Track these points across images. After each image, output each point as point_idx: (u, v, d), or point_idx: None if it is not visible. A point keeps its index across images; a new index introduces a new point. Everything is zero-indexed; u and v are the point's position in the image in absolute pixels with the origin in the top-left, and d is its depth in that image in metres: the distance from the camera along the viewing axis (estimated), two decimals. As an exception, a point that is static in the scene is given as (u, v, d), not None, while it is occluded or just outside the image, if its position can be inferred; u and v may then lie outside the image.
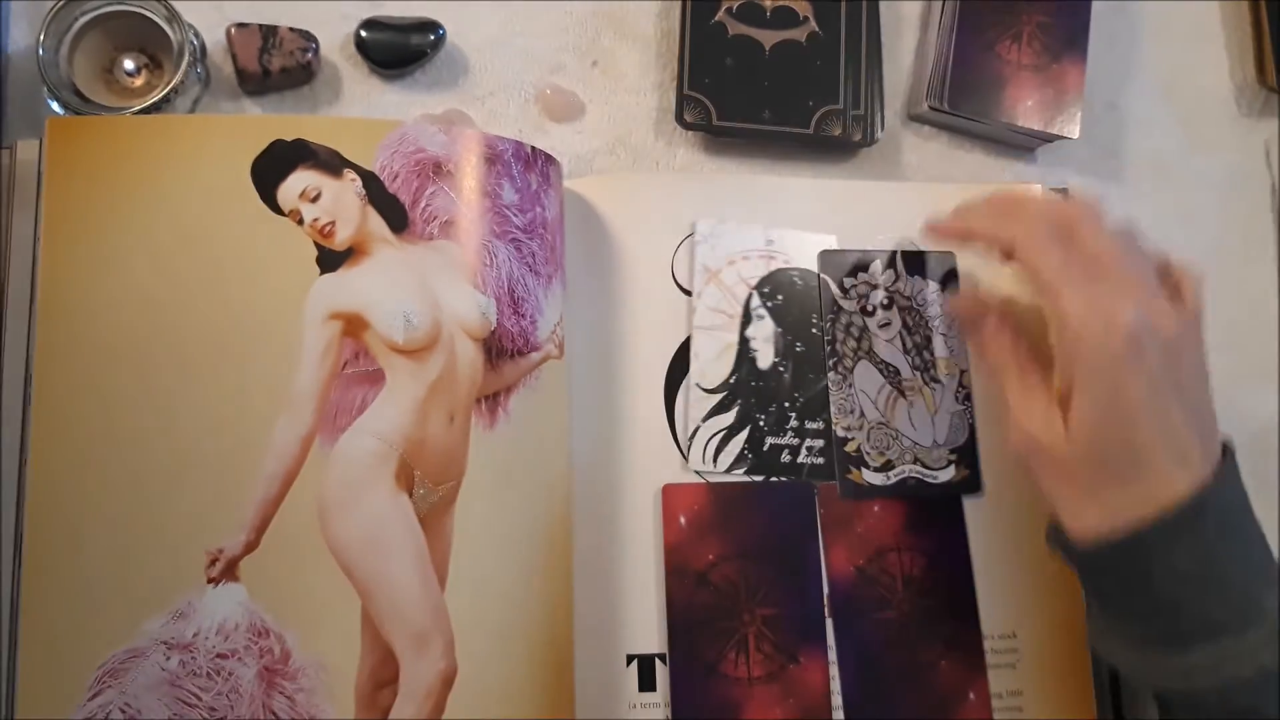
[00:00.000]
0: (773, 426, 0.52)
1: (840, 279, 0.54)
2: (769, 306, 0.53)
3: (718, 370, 0.52)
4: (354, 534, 0.44)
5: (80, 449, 0.43)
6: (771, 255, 0.54)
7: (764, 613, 0.49)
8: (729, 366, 0.52)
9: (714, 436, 0.51)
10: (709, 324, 0.52)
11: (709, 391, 0.52)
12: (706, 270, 0.53)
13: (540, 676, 0.45)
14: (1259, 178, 0.63)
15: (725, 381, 0.52)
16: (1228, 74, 0.64)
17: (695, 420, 0.51)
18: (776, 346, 0.53)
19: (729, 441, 0.51)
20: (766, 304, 0.53)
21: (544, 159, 0.50)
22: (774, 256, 0.54)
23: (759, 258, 0.54)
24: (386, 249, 0.46)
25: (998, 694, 0.50)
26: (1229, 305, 0.60)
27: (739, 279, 0.53)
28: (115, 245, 0.45)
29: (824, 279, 0.54)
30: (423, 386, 0.45)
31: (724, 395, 0.52)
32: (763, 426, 0.52)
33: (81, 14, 0.50)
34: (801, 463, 0.52)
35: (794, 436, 0.52)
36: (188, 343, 0.44)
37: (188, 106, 0.53)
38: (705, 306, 0.53)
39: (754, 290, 0.53)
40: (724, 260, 0.53)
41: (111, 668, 0.42)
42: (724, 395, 0.52)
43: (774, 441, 0.52)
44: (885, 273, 0.54)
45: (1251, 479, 0.58)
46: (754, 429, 0.52)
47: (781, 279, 0.54)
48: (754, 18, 0.57)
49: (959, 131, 0.60)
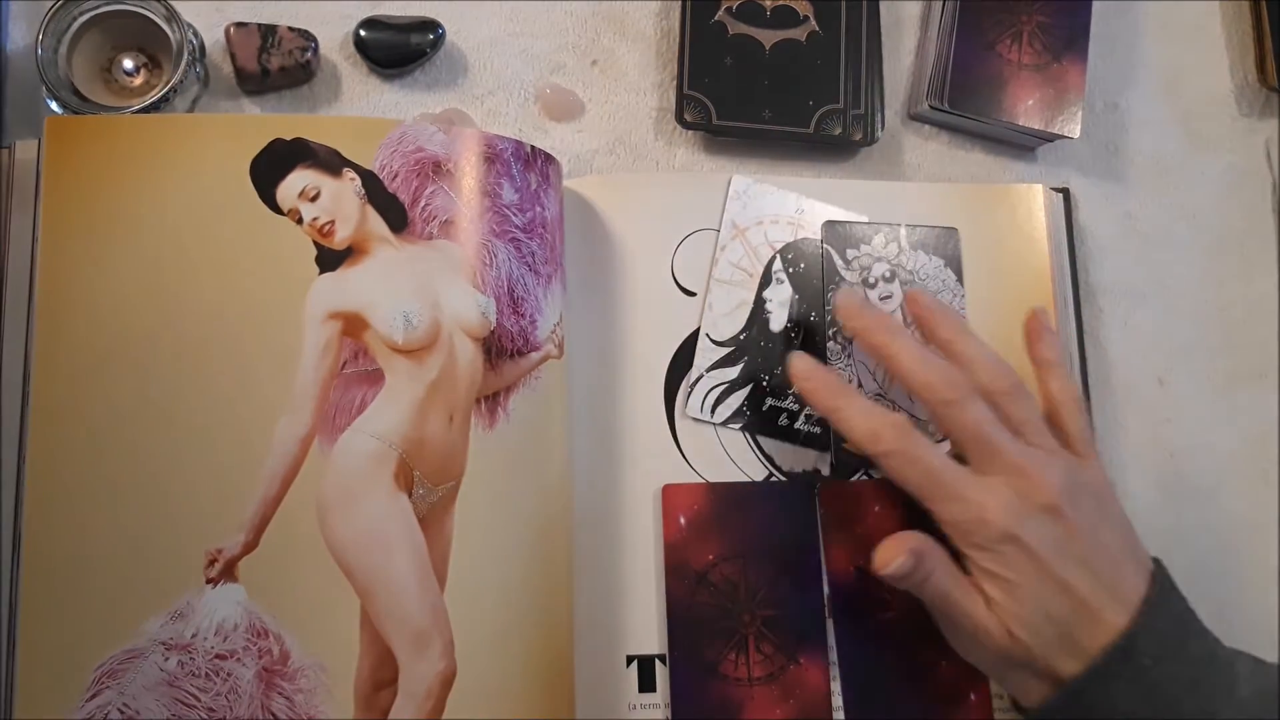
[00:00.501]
0: (775, 389, 0.52)
1: (843, 250, 0.54)
2: (790, 273, 0.53)
3: (729, 325, 0.53)
4: (353, 534, 0.43)
5: (79, 449, 0.43)
6: (800, 224, 0.54)
7: (764, 613, 0.49)
8: (741, 323, 0.53)
9: (716, 387, 0.52)
10: (728, 278, 0.53)
11: (718, 344, 0.52)
12: (734, 226, 0.53)
13: (540, 676, 0.45)
14: (1259, 178, 0.63)
15: (735, 337, 0.52)
16: (1228, 74, 0.64)
17: (700, 369, 0.52)
18: (791, 312, 0.53)
19: (730, 395, 0.52)
20: (788, 270, 0.54)
21: (544, 158, 0.49)
22: (802, 225, 0.54)
23: (787, 224, 0.54)
24: (386, 248, 0.46)
25: (998, 694, 0.50)
26: (1229, 305, 0.61)
27: (765, 240, 0.54)
28: (114, 245, 0.45)
29: (827, 249, 0.54)
30: (422, 386, 0.45)
31: (732, 350, 0.52)
32: (765, 386, 0.52)
33: (80, 13, 0.50)
34: (798, 429, 0.52)
35: (794, 402, 0.52)
36: (186, 342, 0.44)
37: (187, 106, 0.53)
38: (727, 260, 0.53)
39: (777, 254, 0.54)
40: (753, 220, 0.54)
41: (110, 668, 0.42)
42: (732, 350, 0.52)
43: (774, 404, 0.52)
44: (888, 246, 0.54)
45: (1252, 479, 0.59)
46: (756, 387, 0.52)
47: (806, 248, 0.54)
48: (754, 17, 0.57)
49: (960, 131, 0.60)
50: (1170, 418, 0.58)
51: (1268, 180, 0.63)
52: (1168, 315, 0.60)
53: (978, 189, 0.57)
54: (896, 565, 0.44)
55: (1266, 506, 0.58)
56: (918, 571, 0.44)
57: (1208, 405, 0.59)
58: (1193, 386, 0.59)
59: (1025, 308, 0.53)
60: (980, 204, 0.56)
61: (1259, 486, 0.58)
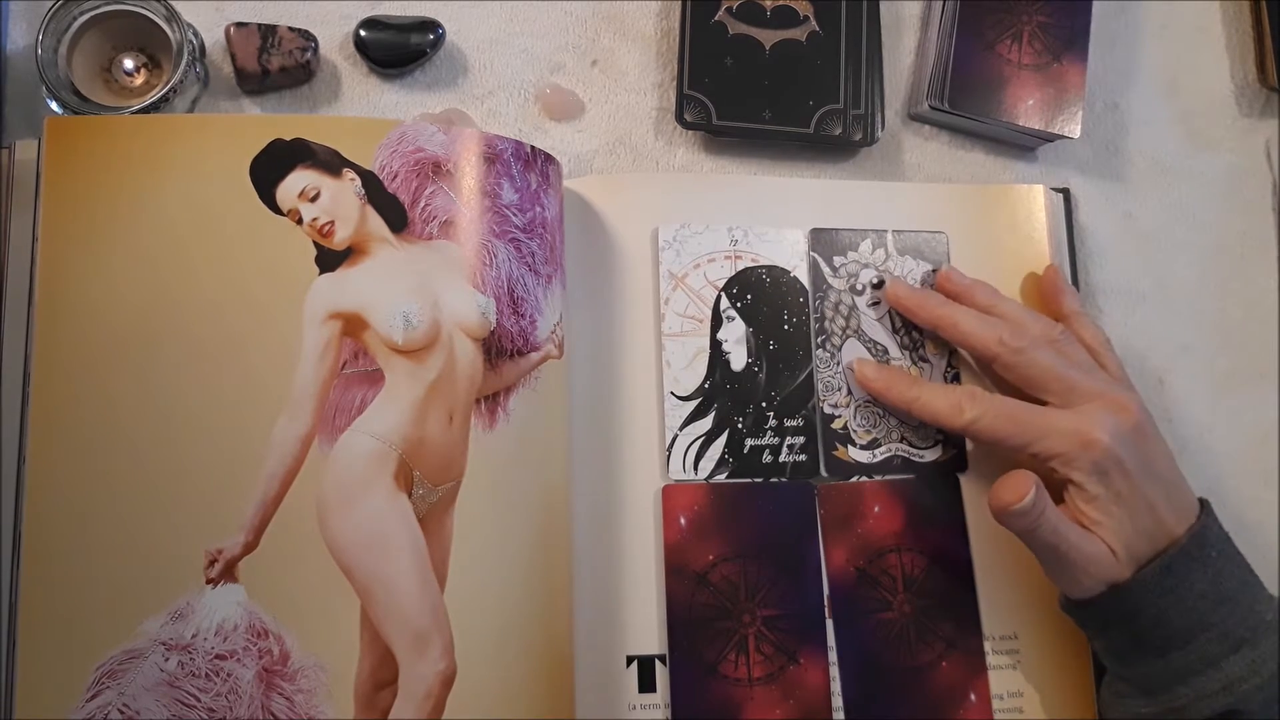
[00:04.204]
0: (751, 428, 0.52)
1: (830, 257, 0.54)
2: (738, 307, 0.53)
3: (691, 376, 0.52)
4: (353, 534, 0.43)
5: (79, 449, 0.43)
6: (738, 255, 0.54)
7: (764, 613, 0.49)
8: (702, 371, 0.52)
9: (693, 443, 0.51)
10: (678, 330, 0.52)
11: (683, 399, 0.52)
12: (672, 275, 0.53)
13: (540, 676, 0.45)
14: (1259, 178, 0.63)
15: (700, 387, 0.52)
16: (1228, 74, 0.64)
17: (672, 429, 0.51)
18: (749, 347, 0.53)
19: (709, 447, 0.51)
20: (736, 305, 0.53)
21: (544, 158, 0.49)
22: (740, 256, 0.54)
23: (725, 259, 0.53)
24: (386, 249, 0.46)
25: (998, 695, 0.50)
26: (1229, 305, 0.61)
27: (706, 282, 0.53)
28: (114, 245, 0.45)
29: (814, 256, 0.54)
30: (422, 386, 0.45)
31: (699, 401, 0.52)
32: (741, 429, 0.52)
33: (80, 13, 0.50)
34: (784, 461, 0.52)
35: (774, 436, 0.52)
36: (186, 342, 0.44)
37: (186, 106, 0.53)
38: (673, 312, 0.52)
39: (721, 292, 0.53)
40: (690, 264, 0.53)
41: (110, 668, 0.42)
42: (699, 401, 0.52)
43: (754, 443, 0.52)
44: (875, 252, 0.54)
45: (1252, 479, 0.59)
46: (733, 432, 0.52)
47: (749, 278, 0.53)
48: (754, 17, 0.57)
49: (960, 131, 0.60)
50: (1170, 418, 0.58)
51: (1268, 180, 0.63)
52: (1168, 315, 0.60)
53: (978, 189, 0.57)
54: (1029, 498, 0.45)
55: (1266, 506, 0.58)
56: (1037, 505, 0.45)
57: (1208, 405, 0.59)
58: (1193, 386, 0.59)
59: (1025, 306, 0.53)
60: (980, 204, 0.56)
61: (1259, 486, 0.58)
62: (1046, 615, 0.51)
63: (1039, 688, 0.51)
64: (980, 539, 0.52)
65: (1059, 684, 0.51)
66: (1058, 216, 0.58)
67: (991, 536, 0.52)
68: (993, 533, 0.52)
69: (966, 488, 0.53)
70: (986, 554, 0.52)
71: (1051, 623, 0.51)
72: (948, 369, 0.54)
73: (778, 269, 0.54)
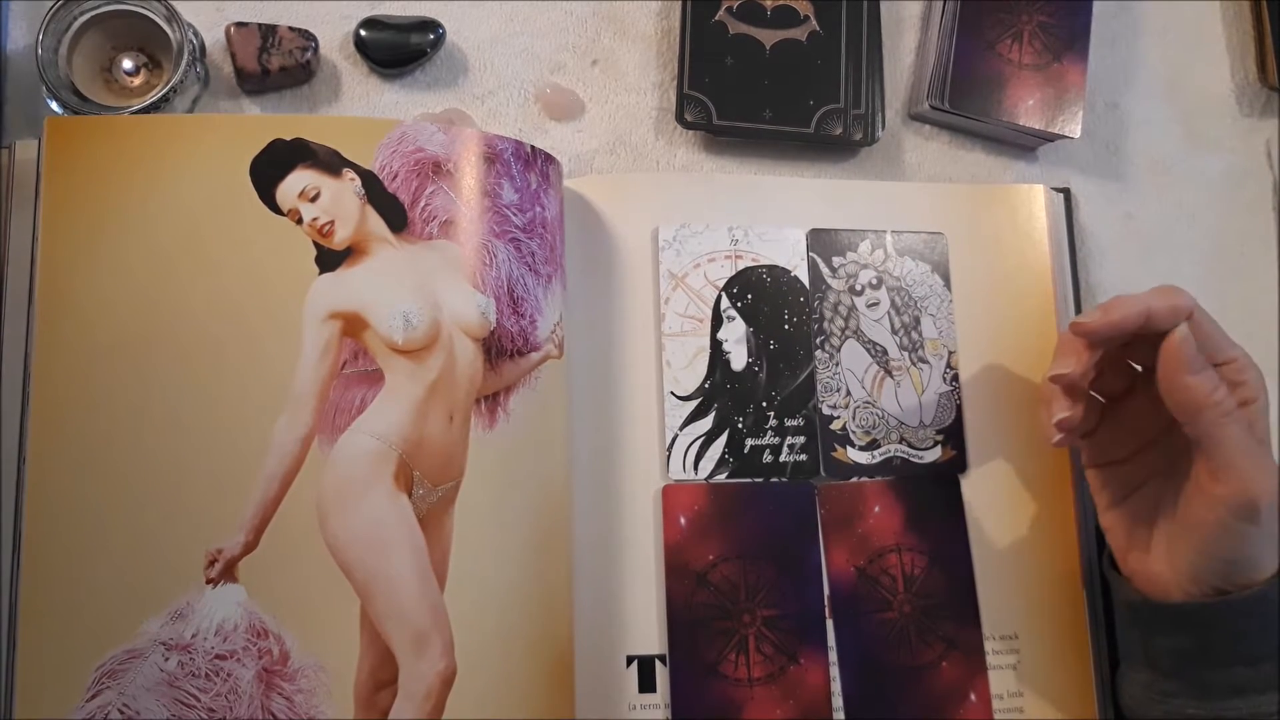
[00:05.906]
0: (751, 428, 0.52)
1: (829, 258, 0.54)
2: (739, 307, 0.53)
3: (691, 376, 0.52)
4: (353, 534, 0.43)
5: (79, 449, 0.43)
6: (738, 255, 0.54)
7: (764, 613, 0.49)
8: (702, 371, 0.52)
9: (693, 443, 0.51)
10: (678, 330, 0.52)
11: (683, 399, 0.51)
12: (672, 275, 0.53)
13: (540, 676, 0.45)
14: (1259, 177, 0.63)
15: (700, 387, 0.52)
16: (1228, 74, 0.64)
17: (672, 429, 0.51)
18: (749, 347, 0.53)
19: (709, 447, 0.51)
20: (736, 304, 0.53)
21: (544, 158, 0.49)
22: (740, 255, 0.54)
23: (725, 258, 0.53)
24: (386, 248, 0.46)
25: (998, 695, 0.50)
26: (1229, 305, 0.60)
27: (706, 281, 0.53)
28: (114, 245, 0.45)
29: (813, 257, 0.54)
30: (422, 386, 0.45)
31: (699, 401, 0.52)
32: (741, 429, 0.52)
33: (80, 13, 0.50)
34: (784, 461, 0.52)
35: (774, 436, 0.52)
36: (186, 342, 0.44)
37: (187, 106, 0.53)
38: (673, 312, 0.52)
39: (722, 291, 0.53)
40: (690, 264, 0.53)
41: (110, 668, 0.42)
42: (699, 401, 0.52)
43: (754, 443, 0.52)
44: (874, 253, 0.54)
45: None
46: (733, 432, 0.52)
47: (750, 278, 0.53)
48: (754, 17, 0.57)
49: (960, 131, 0.60)
50: (1170, 418, 0.58)
51: (1268, 180, 0.63)
52: (1168, 315, 0.60)
53: (978, 189, 0.57)
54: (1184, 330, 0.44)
55: (1267, 506, 0.58)
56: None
57: (1208, 405, 0.59)
58: (1193, 386, 0.59)
59: (1025, 307, 0.53)
60: (981, 204, 0.56)
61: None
62: (1046, 615, 0.51)
63: (1039, 688, 0.51)
64: (980, 539, 0.52)
65: (1059, 684, 0.51)
66: (1058, 217, 0.58)
67: (992, 536, 0.52)
68: (993, 533, 0.52)
69: (966, 488, 0.53)
70: (986, 554, 0.52)
71: (1051, 623, 0.51)
72: (947, 369, 0.54)
73: (778, 269, 0.54)
